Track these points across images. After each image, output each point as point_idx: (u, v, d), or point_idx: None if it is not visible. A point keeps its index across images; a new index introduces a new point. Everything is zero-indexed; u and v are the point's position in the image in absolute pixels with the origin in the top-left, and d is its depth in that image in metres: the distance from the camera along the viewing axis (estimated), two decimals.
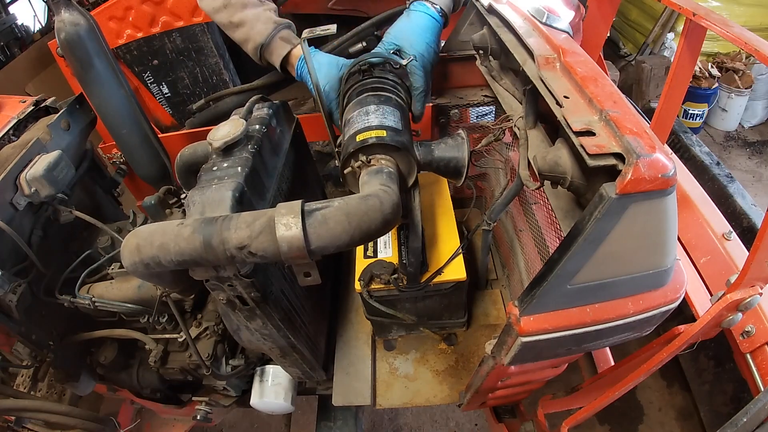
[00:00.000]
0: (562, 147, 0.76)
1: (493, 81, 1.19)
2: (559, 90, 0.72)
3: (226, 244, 0.72)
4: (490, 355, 0.86)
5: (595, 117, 0.65)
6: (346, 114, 1.02)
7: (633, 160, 0.55)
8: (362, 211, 0.74)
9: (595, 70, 0.73)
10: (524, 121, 0.97)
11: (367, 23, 1.49)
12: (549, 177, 0.77)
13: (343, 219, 0.72)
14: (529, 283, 0.70)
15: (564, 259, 0.63)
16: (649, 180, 0.55)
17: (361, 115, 0.96)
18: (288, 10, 1.46)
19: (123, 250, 0.78)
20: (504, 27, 1.03)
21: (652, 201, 0.59)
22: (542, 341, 0.73)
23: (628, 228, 0.61)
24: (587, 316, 0.71)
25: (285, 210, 0.72)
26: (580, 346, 0.80)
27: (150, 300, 1.22)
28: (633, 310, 0.71)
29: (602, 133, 0.62)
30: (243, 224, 0.73)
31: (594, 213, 0.59)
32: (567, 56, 0.77)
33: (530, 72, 0.83)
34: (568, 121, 0.65)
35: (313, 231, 0.71)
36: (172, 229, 0.75)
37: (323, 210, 0.73)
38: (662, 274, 0.70)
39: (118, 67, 1.23)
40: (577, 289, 0.68)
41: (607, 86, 0.69)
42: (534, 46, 0.84)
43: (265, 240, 0.71)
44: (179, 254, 0.74)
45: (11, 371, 1.32)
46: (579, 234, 0.61)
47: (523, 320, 0.71)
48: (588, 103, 0.67)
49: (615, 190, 0.56)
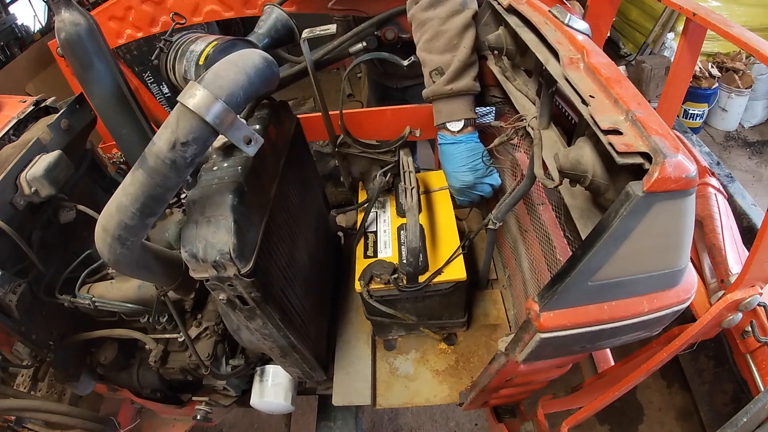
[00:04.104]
0: (584, 145, 0.76)
1: (506, 81, 1.19)
2: (585, 89, 0.72)
3: (160, 154, 0.72)
4: (503, 353, 0.87)
5: (621, 117, 0.66)
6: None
7: (660, 159, 0.56)
8: (241, 54, 0.81)
9: (618, 72, 0.74)
10: (538, 121, 0.98)
11: (367, 23, 1.50)
12: (570, 175, 0.78)
13: (229, 66, 0.77)
14: (551, 279, 0.71)
15: (587, 255, 0.64)
16: (674, 180, 0.57)
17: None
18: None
19: (96, 243, 0.79)
20: (525, 27, 1.03)
21: (675, 200, 0.60)
22: (559, 338, 0.74)
23: (651, 226, 0.62)
24: (604, 314, 0.72)
25: (185, 91, 0.74)
26: (594, 343, 0.81)
27: (150, 300, 1.22)
28: (648, 309, 0.72)
29: (629, 132, 0.63)
30: (161, 130, 0.74)
31: (620, 210, 0.60)
32: (591, 57, 0.78)
33: (554, 71, 0.83)
34: (596, 119, 0.65)
35: (214, 86, 0.73)
36: (118, 191, 0.77)
37: (210, 69, 0.77)
38: (677, 274, 0.71)
39: (118, 67, 1.23)
40: (597, 286, 0.69)
41: (630, 88, 0.70)
42: (558, 46, 0.84)
43: (185, 121, 0.72)
44: (136, 200, 0.75)
45: (11, 371, 1.32)
46: (604, 231, 0.62)
47: (543, 316, 0.72)
48: (614, 103, 0.68)
49: (642, 188, 0.57)
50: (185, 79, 1.15)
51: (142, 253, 0.91)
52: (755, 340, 0.95)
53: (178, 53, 1.16)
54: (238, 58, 0.80)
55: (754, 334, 0.95)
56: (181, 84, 1.19)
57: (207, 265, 0.85)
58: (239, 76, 0.77)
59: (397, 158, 1.47)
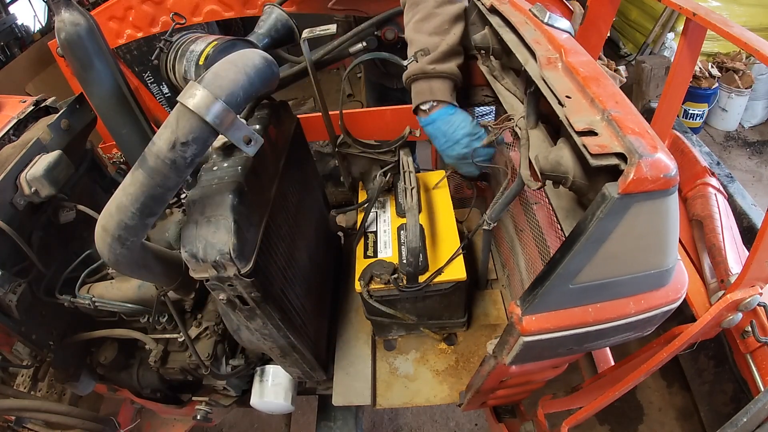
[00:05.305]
0: (564, 147, 0.76)
1: (494, 81, 1.19)
2: (561, 90, 0.72)
3: (160, 154, 0.72)
4: (492, 355, 0.86)
5: (597, 117, 0.65)
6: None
7: (635, 159, 0.55)
8: (241, 54, 0.81)
9: (596, 70, 0.73)
10: (525, 121, 0.98)
11: (367, 23, 1.49)
12: (551, 177, 0.77)
13: (229, 66, 0.77)
14: (531, 283, 0.71)
15: (566, 258, 0.64)
16: (651, 180, 0.55)
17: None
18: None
19: (96, 243, 0.79)
20: (506, 27, 1.03)
21: (654, 201, 0.59)
22: (544, 341, 0.73)
23: (630, 228, 0.61)
24: (589, 316, 0.71)
25: (185, 91, 0.73)
26: (581, 345, 0.81)
27: (150, 300, 1.22)
28: (634, 310, 0.71)
29: (604, 132, 0.62)
30: (161, 130, 0.73)
31: (596, 213, 0.59)
32: (569, 56, 0.77)
33: (532, 72, 0.83)
34: (570, 120, 0.65)
35: (214, 86, 0.73)
36: (118, 191, 0.77)
37: (210, 69, 0.77)
38: (663, 274, 0.70)
39: (118, 67, 1.23)
40: (578, 288, 0.68)
41: (609, 86, 0.69)
42: (536, 46, 0.84)
43: (185, 121, 0.72)
44: (136, 200, 0.75)
45: (11, 371, 1.32)
46: (581, 234, 0.62)
47: (525, 320, 0.71)
48: (590, 103, 0.68)
49: (617, 189, 0.57)
50: (185, 79, 1.15)
51: (142, 253, 0.91)
52: (755, 340, 0.96)
53: (178, 53, 1.16)
54: (238, 58, 0.80)
55: (754, 334, 0.95)
56: (181, 84, 1.19)
57: (207, 265, 0.85)
58: (239, 76, 0.77)
59: (397, 158, 1.47)
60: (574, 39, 0.87)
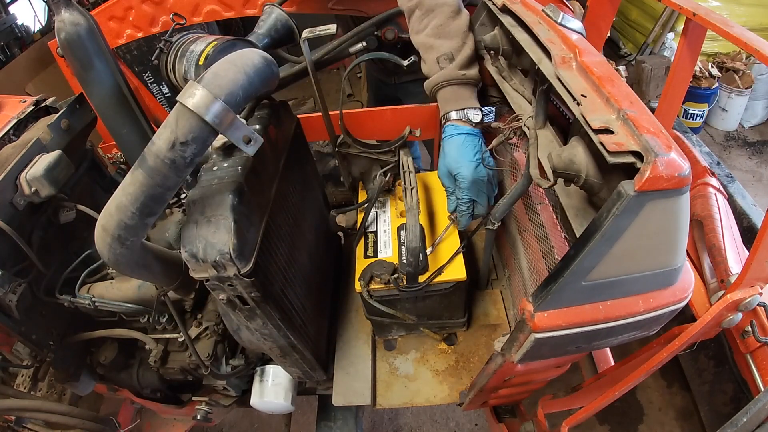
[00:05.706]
0: (577, 145, 0.76)
1: (503, 81, 1.19)
2: (576, 88, 0.72)
3: (160, 154, 0.72)
4: (500, 353, 0.87)
5: (612, 116, 0.66)
6: None
7: (651, 158, 0.56)
8: (241, 54, 0.81)
9: (610, 70, 0.74)
10: (534, 121, 0.98)
11: (367, 23, 1.50)
12: (563, 175, 0.78)
13: (229, 66, 0.77)
14: (544, 280, 0.71)
15: (580, 255, 0.64)
16: (666, 178, 0.56)
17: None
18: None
19: (96, 243, 0.79)
20: (518, 26, 1.03)
21: (667, 199, 0.60)
22: (555, 338, 0.74)
23: (644, 226, 0.62)
24: (599, 314, 0.71)
25: (184, 90, 0.73)
26: (590, 343, 0.81)
27: (150, 300, 1.22)
28: (643, 308, 0.72)
29: (620, 131, 0.63)
30: (161, 130, 0.73)
31: (612, 210, 0.60)
32: (583, 56, 0.77)
33: (546, 71, 0.83)
34: (587, 118, 0.65)
35: (213, 85, 0.73)
36: (118, 191, 0.76)
37: (210, 69, 0.77)
38: (672, 273, 0.71)
39: (118, 67, 1.23)
40: (590, 285, 0.69)
41: (623, 87, 0.70)
42: (550, 45, 0.84)
43: (185, 121, 0.71)
44: (135, 200, 0.74)
45: (11, 371, 1.32)
46: (596, 231, 0.62)
47: (537, 316, 0.71)
48: (605, 102, 0.68)
49: (633, 187, 0.57)
50: (185, 79, 1.15)
51: (142, 253, 0.91)
52: (755, 340, 0.95)
53: (178, 53, 1.16)
54: (238, 58, 0.80)
55: (754, 334, 0.95)
56: (181, 84, 1.19)
57: (207, 265, 0.85)
58: (239, 75, 0.77)
59: (397, 158, 1.47)
60: (586, 40, 0.87)
